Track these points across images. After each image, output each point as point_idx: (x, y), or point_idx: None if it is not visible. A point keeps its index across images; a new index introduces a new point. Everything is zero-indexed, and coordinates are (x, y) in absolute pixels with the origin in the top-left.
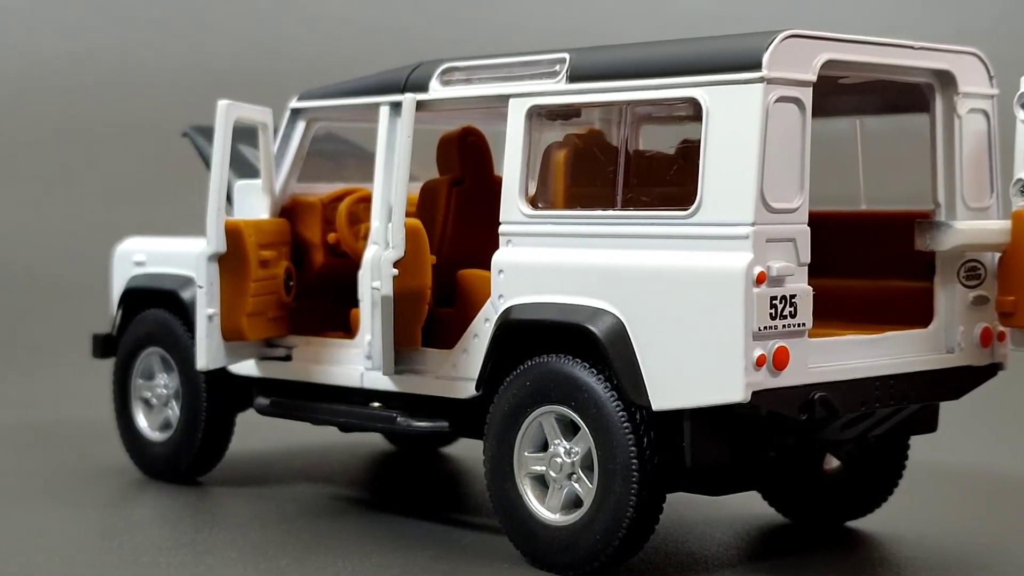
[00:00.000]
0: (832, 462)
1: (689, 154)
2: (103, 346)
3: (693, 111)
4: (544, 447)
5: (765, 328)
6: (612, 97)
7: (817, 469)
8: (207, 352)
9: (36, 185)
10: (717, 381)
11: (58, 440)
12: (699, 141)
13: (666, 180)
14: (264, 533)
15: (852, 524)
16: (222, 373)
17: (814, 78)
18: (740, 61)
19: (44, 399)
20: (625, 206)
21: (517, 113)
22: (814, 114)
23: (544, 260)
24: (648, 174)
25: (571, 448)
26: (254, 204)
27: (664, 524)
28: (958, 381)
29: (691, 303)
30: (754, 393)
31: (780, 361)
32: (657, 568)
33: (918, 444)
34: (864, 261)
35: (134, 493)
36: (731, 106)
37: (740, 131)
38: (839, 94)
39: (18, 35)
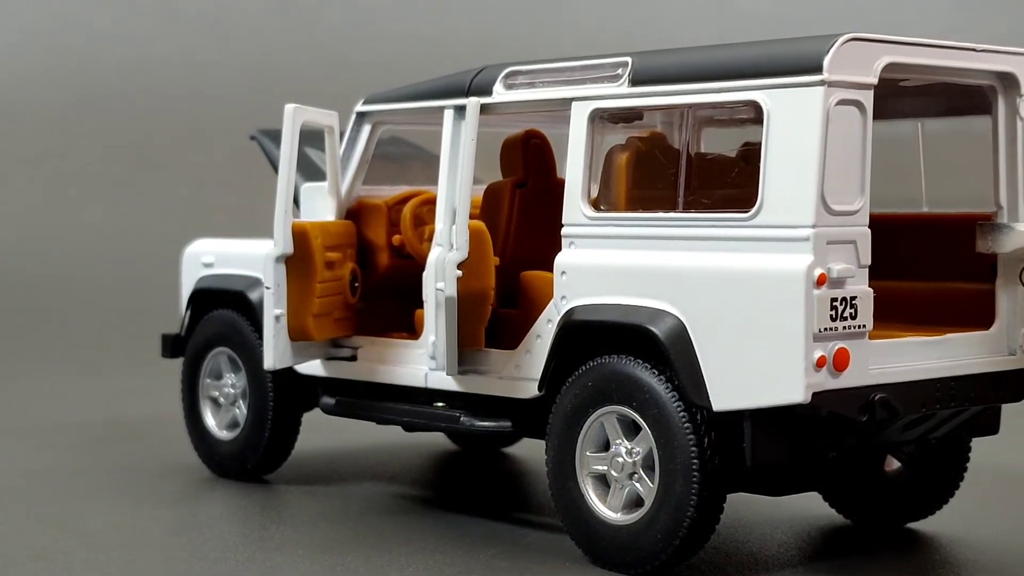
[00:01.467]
0: (893, 463)
1: (750, 157)
2: (172, 346)
3: (754, 114)
4: (606, 447)
5: (825, 329)
6: (674, 100)
7: (878, 470)
8: (274, 352)
9: (107, 188)
10: (777, 382)
11: (129, 439)
12: (760, 144)
13: (727, 182)
14: (330, 530)
15: (913, 526)
16: (289, 373)
17: (875, 81)
18: (801, 64)
19: (115, 398)
20: (686, 208)
21: (580, 116)
22: (875, 116)
23: (606, 262)
24: (709, 177)
25: (632, 448)
26: (320, 206)
27: (724, 524)
28: (1020, 383)
29: (752, 305)
30: (814, 394)
31: (840, 362)
32: (718, 568)
33: (979, 446)
34: (925, 263)
35: (202, 491)
36: (792, 109)
37: (801, 134)
38: (900, 96)
39: (85, 42)
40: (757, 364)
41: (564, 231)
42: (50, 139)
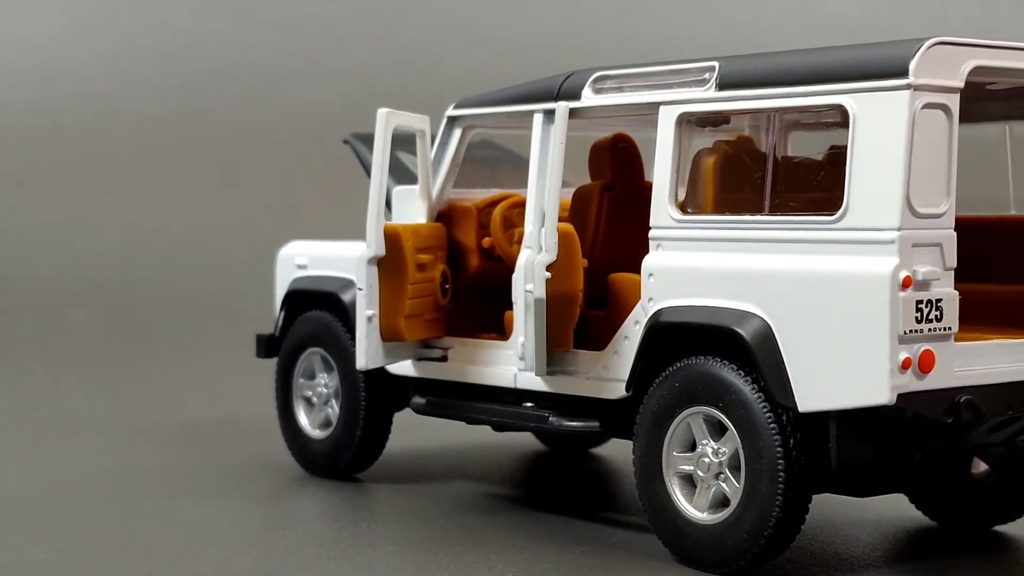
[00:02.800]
0: (980, 466)
1: (836, 160)
2: (266, 346)
3: (840, 118)
4: (692, 447)
5: (910, 332)
6: (760, 104)
7: (965, 472)
8: (366, 352)
9: (204, 192)
10: (863, 383)
11: (224, 437)
12: (846, 147)
13: (813, 185)
14: (420, 528)
15: (1000, 528)
16: (380, 373)
17: (961, 84)
18: (887, 68)
19: (212, 398)
20: (773, 211)
21: (667, 120)
22: (962, 119)
23: (693, 264)
24: (795, 180)
25: (719, 448)
26: (412, 209)
27: (810, 524)
28: None
29: (837, 307)
30: (899, 396)
31: (926, 364)
32: (803, 568)
33: None
34: (1012, 266)
35: (295, 488)
36: (878, 113)
37: (887, 137)
38: (988, 100)
39: (179, 47)
40: (842, 366)
41: (651, 234)
42: (148, 144)
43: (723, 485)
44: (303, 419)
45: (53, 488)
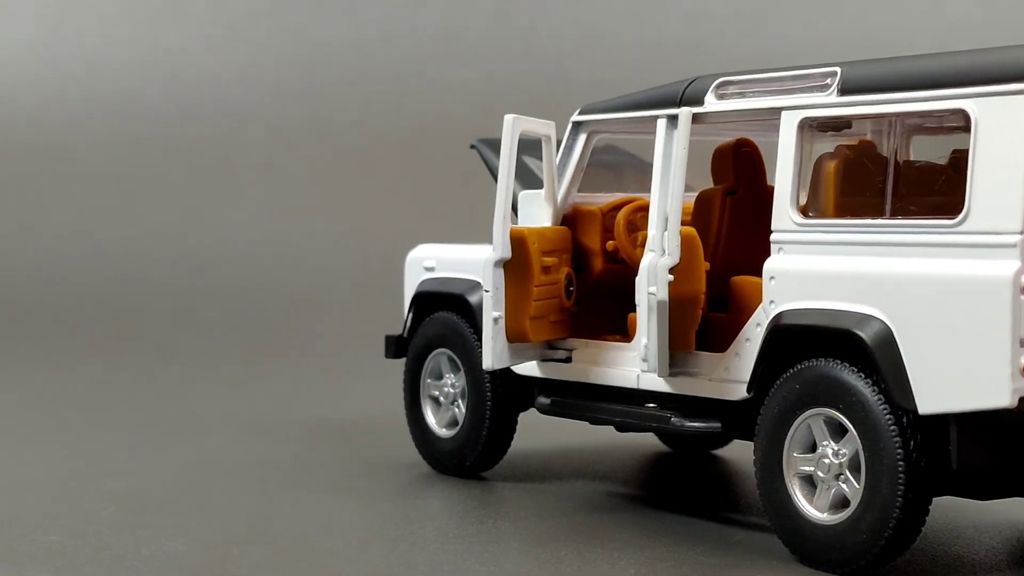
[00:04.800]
0: None
1: (958, 164)
2: (395, 347)
3: (962, 122)
4: (812, 448)
5: None
6: (882, 109)
7: None
8: (492, 353)
9: (334, 196)
10: (983, 386)
11: (354, 435)
12: (968, 151)
13: (934, 189)
14: (544, 525)
15: None
16: (506, 373)
17: None
18: (1009, 72)
19: (342, 397)
20: (894, 215)
21: (789, 125)
22: None
23: (814, 267)
24: (917, 184)
25: (839, 449)
26: (537, 213)
27: (931, 527)
28: None
29: (958, 310)
30: (1021, 399)
31: None
32: (923, 570)
33: None
34: None
35: (423, 486)
36: (1000, 117)
37: (1009, 142)
38: None
39: (308, 55)
40: (963, 368)
41: (773, 237)
42: (279, 150)
43: (843, 486)
44: (430, 418)
45: (189, 483)
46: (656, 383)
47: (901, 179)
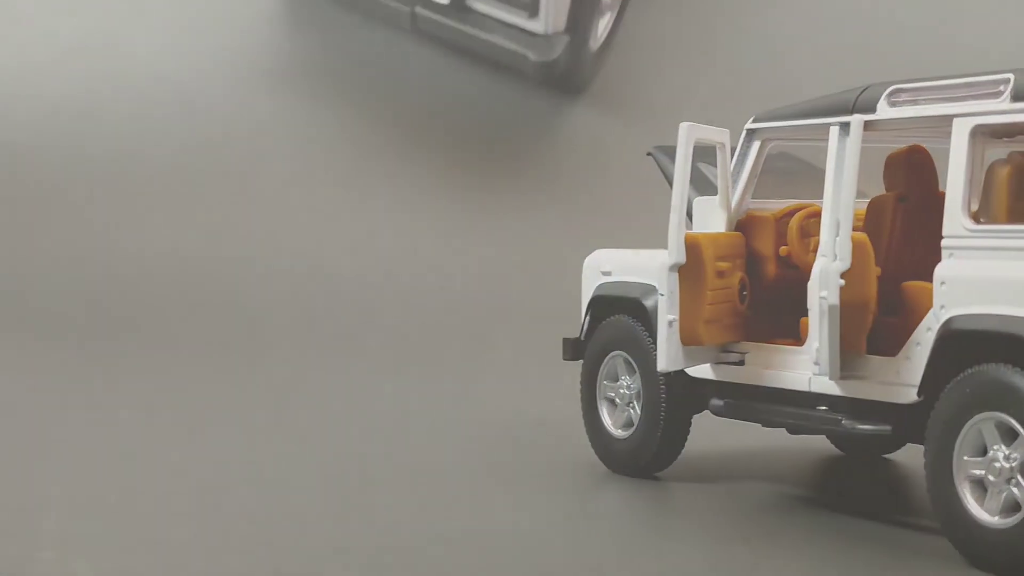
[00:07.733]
0: None
1: None
2: (573, 349)
3: None
4: (983, 452)
5: None
6: None
7: None
8: (667, 355)
9: (510, 203)
10: None
11: (534, 435)
12: None
13: None
14: (717, 525)
15: None
16: (680, 375)
17: None
18: None
19: (523, 397)
20: None
21: (961, 132)
22: None
23: (985, 273)
24: None
25: (1010, 454)
26: (712, 219)
27: None
28: None
29: None
30: None
31: None
32: None
33: None
34: None
35: (599, 484)
36: None
37: None
38: None
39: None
40: None
41: (944, 243)
42: (458, 159)
43: (1014, 490)
44: (606, 419)
45: (375, 481)
46: (827, 386)
47: None
